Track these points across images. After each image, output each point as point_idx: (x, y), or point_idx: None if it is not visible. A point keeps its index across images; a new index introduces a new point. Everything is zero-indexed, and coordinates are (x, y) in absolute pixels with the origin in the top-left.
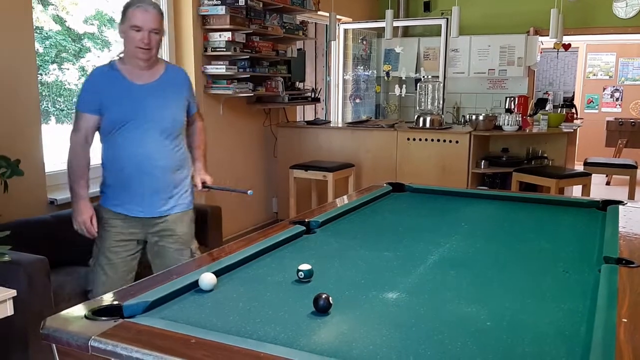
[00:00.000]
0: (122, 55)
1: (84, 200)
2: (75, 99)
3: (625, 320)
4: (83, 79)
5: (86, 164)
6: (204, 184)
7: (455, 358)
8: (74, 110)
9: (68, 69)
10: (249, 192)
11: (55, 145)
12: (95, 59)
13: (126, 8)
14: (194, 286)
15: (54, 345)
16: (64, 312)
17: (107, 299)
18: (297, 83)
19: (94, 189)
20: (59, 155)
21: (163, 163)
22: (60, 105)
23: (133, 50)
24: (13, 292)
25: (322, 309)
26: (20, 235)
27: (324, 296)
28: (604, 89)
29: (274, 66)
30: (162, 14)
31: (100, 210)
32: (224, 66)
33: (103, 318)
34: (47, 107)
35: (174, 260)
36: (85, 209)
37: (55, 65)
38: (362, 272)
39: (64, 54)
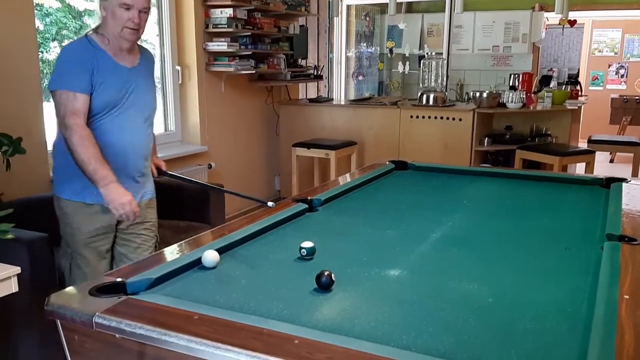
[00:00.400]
0: (100, 31)
1: (117, 183)
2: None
3: (627, 297)
4: None
5: (99, 148)
6: (159, 169)
7: (457, 334)
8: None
9: None
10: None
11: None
12: None
13: None
14: (197, 263)
15: (58, 321)
16: (68, 289)
17: (110, 276)
18: (300, 60)
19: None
20: None
21: (145, 151)
22: None
23: (120, 30)
24: (17, 269)
25: (324, 286)
26: (23, 213)
27: (326, 273)
28: (609, 66)
29: (276, 43)
30: None
31: (65, 206)
32: (226, 43)
33: (107, 295)
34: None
35: (139, 249)
36: (124, 190)
37: (56, 43)
38: (365, 250)
39: (64, 32)
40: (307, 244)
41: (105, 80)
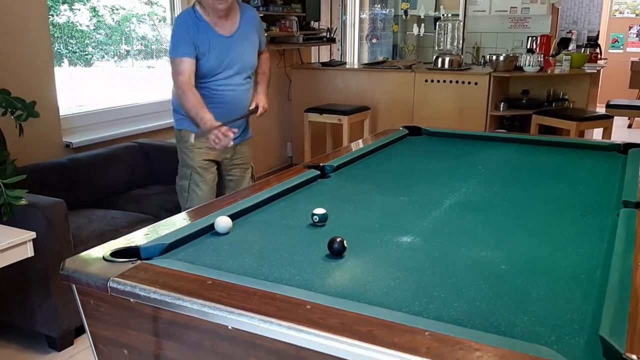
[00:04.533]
0: (202, 2)
1: (213, 121)
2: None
3: None
4: (95, 21)
5: (200, 98)
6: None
7: (469, 300)
8: (86, 53)
9: (79, 10)
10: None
11: (69, 88)
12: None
13: None
14: (210, 229)
15: (73, 285)
16: (82, 253)
17: (124, 241)
18: (312, 22)
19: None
20: (73, 98)
21: (244, 102)
22: (73, 47)
23: (211, 3)
24: (32, 234)
25: (336, 252)
26: (36, 179)
27: (338, 239)
28: (630, 28)
29: (288, 5)
30: None
31: (185, 134)
32: None
33: (121, 260)
34: (60, 48)
35: (240, 178)
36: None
37: (66, 6)
38: (377, 216)
39: None
40: (320, 211)
41: (207, 51)
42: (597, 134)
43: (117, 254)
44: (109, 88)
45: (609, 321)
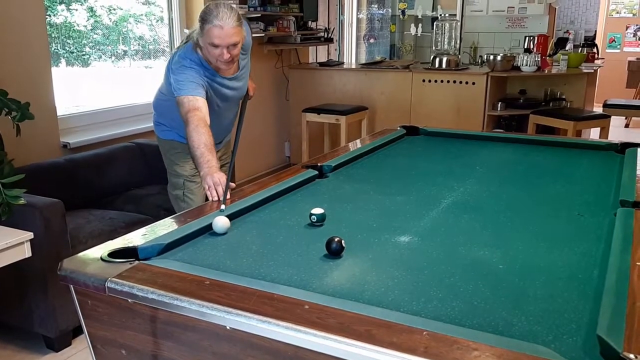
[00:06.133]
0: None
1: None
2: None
3: None
4: (92, 21)
5: (213, 140)
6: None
7: (467, 300)
8: (83, 53)
9: (76, 10)
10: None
11: (66, 88)
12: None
13: (203, 22)
14: (208, 229)
15: (71, 286)
16: (80, 254)
17: (122, 241)
18: (310, 22)
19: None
20: (71, 98)
21: (232, 123)
22: (70, 48)
23: (214, 61)
24: (30, 235)
25: (334, 252)
26: (34, 179)
27: (336, 239)
28: (627, 28)
29: (285, 5)
30: (240, 20)
31: (174, 144)
32: (234, 5)
33: (119, 260)
34: (57, 49)
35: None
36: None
37: (63, 6)
38: (375, 216)
39: None
40: (317, 210)
41: (209, 91)
42: (594, 134)
43: (115, 254)
44: (107, 88)
45: (606, 320)
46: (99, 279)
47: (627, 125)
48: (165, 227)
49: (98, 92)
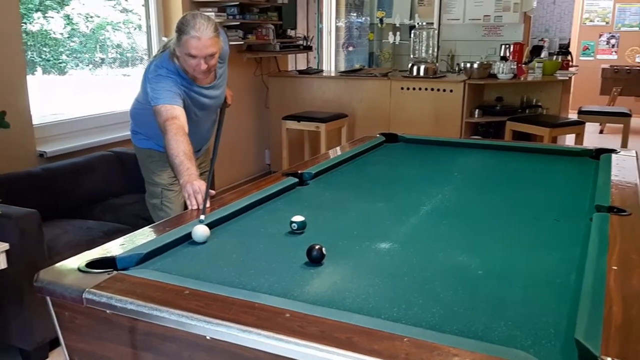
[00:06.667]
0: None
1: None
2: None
3: (616, 267)
4: (69, 28)
5: (192, 148)
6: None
7: (447, 306)
8: (60, 61)
9: (53, 18)
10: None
11: (42, 96)
12: (81, 6)
13: (180, 32)
14: (187, 238)
15: (48, 297)
16: (57, 264)
17: (100, 251)
18: (289, 30)
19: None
20: (47, 106)
21: (212, 127)
22: (46, 55)
23: (191, 72)
24: (5, 246)
25: (315, 259)
26: (10, 189)
27: (317, 247)
28: (600, 36)
29: (264, 13)
30: (217, 31)
31: (152, 152)
32: (213, 13)
33: (97, 270)
34: (33, 57)
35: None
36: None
37: (39, 14)
38: (355, 223)
39: (48, 2)
40: (298, 218)
41: (187, 101)
42: (569, 140)
43: (93, 264)
44: (84, 96)
45: (584, 324)
46: (77, 290)
47: (601, 132)
48: (144, 237)
49: (75, 100)
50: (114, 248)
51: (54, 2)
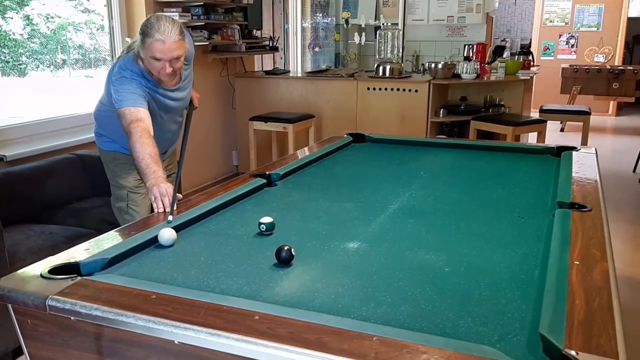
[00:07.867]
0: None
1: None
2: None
3: (578, 262)
4: (29, 29)
5: (158, 151)
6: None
7: (415, 303)
8: (20, 63)
9: (12, 18)
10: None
11: (1, 99)
12: (41, 7)
13: (144, 35)
14: (154, 242)
15: (9, 305)
16: (19, 271)
17: (64, 257)
18: (254, 31)
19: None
20: (6, 109)
21: (178, 130)
22: (5, 57)
23: (156, 74)
24: None
25: (284, 260)
26: None
27: (286, 248)
28: (560, 36)
29: (229, 13)
30: (182, 33)
31: (117, 155)
32: (177, 13)
33: (60, 276)
34: None
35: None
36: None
37: (13, 13)
38: (324, 223)
39: (6, 2)
40: (266, 219)
41: (152, 103)
42: (532, 138)
43: (56, 270)
44: (45, 98)
45: (547, 319)
46: (39, 297)
47: (562, 130)
48: (109, 241)
49: (36, 102)
50: (78, 253)
51: (12, 3)
